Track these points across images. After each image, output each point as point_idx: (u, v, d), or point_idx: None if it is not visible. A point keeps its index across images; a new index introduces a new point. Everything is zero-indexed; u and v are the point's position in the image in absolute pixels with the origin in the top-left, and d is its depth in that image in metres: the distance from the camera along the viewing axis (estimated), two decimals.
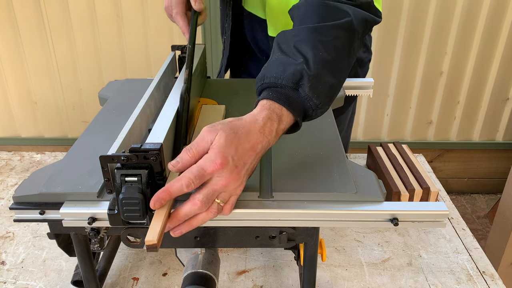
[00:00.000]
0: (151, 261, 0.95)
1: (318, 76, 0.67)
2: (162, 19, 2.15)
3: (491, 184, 2.66)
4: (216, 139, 0.60)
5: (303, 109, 0.68)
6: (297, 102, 0.66)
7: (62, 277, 0.90)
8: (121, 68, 2.27)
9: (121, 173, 0.60)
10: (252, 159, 0.63)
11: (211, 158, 0.59)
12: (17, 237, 1.01)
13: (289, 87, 0.66)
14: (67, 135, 2.45)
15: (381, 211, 0.67)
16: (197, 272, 0.74)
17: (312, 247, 0.74)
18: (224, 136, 0.60)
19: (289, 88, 0.66)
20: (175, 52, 1.06)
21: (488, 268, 0.93)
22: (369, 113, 2.41)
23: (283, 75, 0.66)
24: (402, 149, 1.21)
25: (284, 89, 0.66)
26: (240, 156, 0.61)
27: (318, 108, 0.68)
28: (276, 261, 0.95)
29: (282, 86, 0.66)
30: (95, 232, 0.69)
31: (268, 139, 0.64)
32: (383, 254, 0.97)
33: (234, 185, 0.62)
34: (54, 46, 2.21)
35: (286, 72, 0.67)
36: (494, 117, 2.46)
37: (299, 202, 0.67)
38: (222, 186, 0.61)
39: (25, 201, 0.67)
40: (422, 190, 1.03)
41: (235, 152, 0.60)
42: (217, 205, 0.62)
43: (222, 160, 0.59)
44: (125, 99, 0.98)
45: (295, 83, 0.66)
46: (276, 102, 0.66)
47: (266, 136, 0.64)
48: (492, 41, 2.24)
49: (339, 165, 0.73)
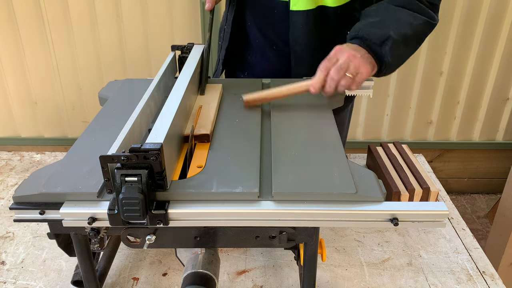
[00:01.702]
0: (151, 261, 0.95)
1: (398, 42, 0.92)
2: (162, 19, 2.15)
3: (491, 184, 2.66)
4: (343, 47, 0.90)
5: (380, 62, 0.92)
6: (377, 54, 0.92)
7: (62, 277, 0.90)
8: (121, 68, 2.27)
9: (121, 173, 0.60)
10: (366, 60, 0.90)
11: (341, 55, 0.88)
12: (17, 237, 1.01)
13: (376, 43, 0.92)
14: (67, 135, 2.45)
15: (381, 211, 0.67)
16: (197, 272, 0.74)
17: (312, 247, 0.74)
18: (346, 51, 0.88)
19: (376, 44, 0.92)
20: (175, 52, 1.06)
21: (488, 268, 0.93)
22: (369, 113, 2.41)
23: (375, 33, 0.92)
24: (402, 149, 1.21)
25: (371, 43, 0.92)
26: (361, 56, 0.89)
27: (388, 67, 0.93)
28: (276, 261, 0.95)
29: (371, 40, 0.92)
30: (95, 232, 0.69)
31: None
32: (383, 254, 0.97)
33: (358, 62, 0.87)
34: (54, 46, 2.21)
35: (377, 32, 0.92)
36: (494, 117, 2.46)
37: (299, 202, 0.67)
38: (347, 60, 0.87)
39: (25, 201, 0.67)
40: (422, 190, 1.03)
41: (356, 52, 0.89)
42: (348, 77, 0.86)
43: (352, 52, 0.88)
44: (125, 99, 0.98)
45: (382, 42, 0.91)
46: (364, 48, 0.91)
47: None
48: (492, 41, 2.24)
49: (339, 165, 0.73)
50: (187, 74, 0.91)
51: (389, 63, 0.93)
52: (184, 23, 2.17)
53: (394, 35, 0.92)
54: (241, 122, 0.88)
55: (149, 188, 0.62)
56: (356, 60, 0.88)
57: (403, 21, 0.95)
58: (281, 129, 0.85)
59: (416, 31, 0.96)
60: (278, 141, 0.81)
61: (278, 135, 0.83)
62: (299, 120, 0.89)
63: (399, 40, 0.93)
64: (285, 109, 0.93)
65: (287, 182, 0.69)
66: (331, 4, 1.05)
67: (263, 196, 0.68)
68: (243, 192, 0.67)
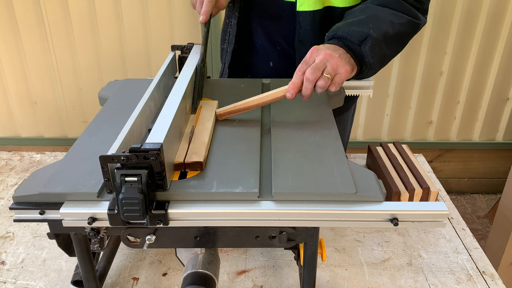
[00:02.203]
0: (151, 261, 0.95)
1: (378, 41, 0.88)
2: (162, 19, 2.15)
3: (491, 184, 2.66)
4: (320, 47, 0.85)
5: (360, 63, 0.88)
6: (357, 55, 0.87)
7: (62, 277, 0.90)
8: (121, 68, 2.27)
9: (121, 173, 0.60)
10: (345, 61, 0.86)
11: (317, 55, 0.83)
12: (17, 237, 1.01)
13: (355, 43, 0.87)
14: (67, 135, 2.45)
15: (381, 211, 0.67)
16: (197, 272, 0.74)
17: (312, 247, 0.74)
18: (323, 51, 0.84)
19: (354, 44, 0.87)
20: (175, 52, 1.06)
21: (488, 268, 0.93)
22: (369, 113, 2.41)
23: (353, 32, 0.88)
24: (402, 149, 1.21)
25: (350, 43, 0.87)
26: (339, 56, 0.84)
27: (369, 67, 0.89)
28: (276, 261, 0.95)
29: (349, 40, 0.87)
30: (95, 232, 0.69)
31: None
32: (383, 254, 0.97)
33: (335, 61, 0.82)
34: (54, 46, 2.21)
35: (356, 31, 0.88)
36: (494, 117, 2.46)
37: (299, 202, 0.67)
38: (323, 59, 0.82)
39: (25, 201, 0.67)
40: (422, 190, 1.03)
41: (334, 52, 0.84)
42: (325, 77, 0.82)
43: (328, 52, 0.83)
44: (125, 99, 0.98)
45: (360, 41, 0.87)
46: (342, 48, 0.86)
47: None
48: (492, 41, 2.24)
49: (339, 165, 0.73)
50: (187, 74, 0.91)
51: (370, 63, 0.89)
52: (184, 23, 2.17)
53: (374, 33, 0.88)
54: (241, 122, 0.88)
55: (149, 188, 0.62)
56: (333, 60, 0.83)
57: (384, 20, 0.91)
58: (281, 129, 0.85)
59: (399, 31, 0.93)
60: (278, 141, 0.81)
61: (278, 135, 0.83)
62: (299, 120, 0.89)
63: (379, 39, 0.89)
64: (285, 109, 0.93)
65: (287, 182, 0.69)
66: (339, 5, 1.04)
67: (263, 196, 0.68)
68: (243, 192, 0.67)
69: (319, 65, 0.82)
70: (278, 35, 1.15)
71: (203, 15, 0.97)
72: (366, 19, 0.91)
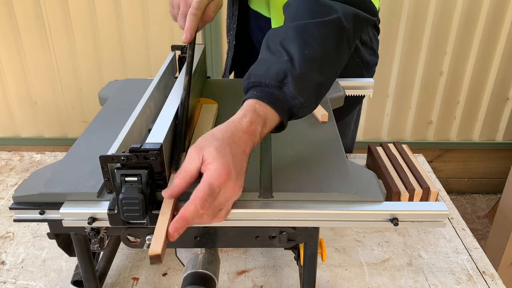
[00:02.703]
0: None
1: (303, 74, 0.66)
2: (162, 19, 2.15)
3: (491, 184, 2.66)
4: (208, 154, 0.59)
5: (288, 108, 0.66)
6: (282, 101, 0.65)
7: (62, 277, 0.90)
8: (121, 68, 2.27)
9: (121, 173, 0.60)
10: (245, 162, 0.63)
11: (214, 172, 0.58)
12: (17, 237, 1.01)
13: (274, 86, 0.65)
14: (67, 135, 2.45)
15: (381, 211, 0.67)
16: (197, 272, 0.74)
17: (312, 247, 0.74)
18: (215, 149, 0.59)
19: (274, 87, 0.65)
20: (175, 52, 1.06)
21: (488, 268, 0.93)
22: (369, 113, 2.41)
23: (268, 73, 0.66)
24: (402, 149, 1.21)
25: (269, 88, 0.65)
26: (237, 162, 0.60)
27: (304, 106, 0.67)
28: (276, 261, 0.95)
29: (266, 85, 0.65)
30: (95, 232, 0.69)
31: (253, 141, 0.64)
32: (383, 254, 0.97)
33: (239, 192, 0.62)
34: (54, 46, 2.21)
35: (271, 70, 0.66)
36: (494, 117, 2.46)
37: (299, 202, 0.67)
38: (228, 197, 0.60)
39: (25, 201, 0.67)
40: (422, 190, 1.03)
41: (232, 159, 0.60)
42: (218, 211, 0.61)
43: (226, 170, 0.58)
44: (125, 99, 0.98)
45: (280, 82, 0.65)
46: (260, 101, 0.65)
47: (252, 138, 0.63)
48: (492, 41, 2.24)
49: (339, 165, 0.73)
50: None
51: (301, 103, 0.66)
52: None
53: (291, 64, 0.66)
54: None
55: (149, 188, 0.62)
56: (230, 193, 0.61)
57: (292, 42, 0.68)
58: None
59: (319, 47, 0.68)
60: (278, 141, 0.81)
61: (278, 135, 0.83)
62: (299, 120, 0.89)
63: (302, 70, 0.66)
64: None
65: (287, 182, 0.69)
66: None
67: (263, 196, 0.68)
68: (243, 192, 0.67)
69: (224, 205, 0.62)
70: None
71: (187, 32, 0.82)
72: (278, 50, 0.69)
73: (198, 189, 0.58)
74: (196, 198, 0.58)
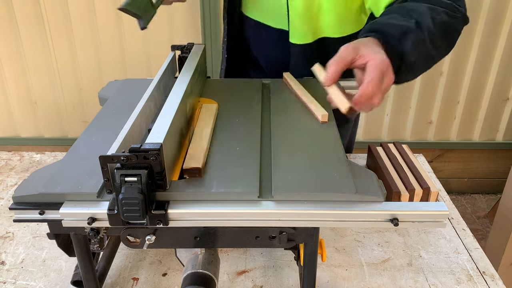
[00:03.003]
0: (151, 261, 0.95)
1: (423, 40, 0.77)
2: (162, 19, 2.15)
3: (491, 184, 2.66)
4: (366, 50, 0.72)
5: (399, 61, 0.75)
6: (396, 52, 0.74)
7: (62, 277, 0.90)
8: (121, 68, 2.27)
9: (121, 173, 0.60)
10: None
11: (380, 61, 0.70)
12: (17, 237, 1.01)
13: (395, 37, 0.75)
14: (67, 135, 2.45)
15: (381, 211, 0.67)
16: (197, 272, 0.74)
17: (312, 247, 0.74)
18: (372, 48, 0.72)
19: (395, 38, 0.75)
20: (175, 52, 1.06)
21: (488, 268, 0.93)
22: (369, 113, 2.41)
23: (394, 24, 0.77)
24: (402, 149, 1.21)
25: (389, 37, 0.75)
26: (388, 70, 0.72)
27: (411, 66, 0.77)
28: (276, 261, 0.95)
29: (389, 34, 0.75)
30: (95, 232, 0.69)
31: None
32: (383, 254, 0.97)
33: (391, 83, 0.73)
34: (54, 46, 2.21)
35: (396, 24, 0.77)
36: (494, 117, 2.46)
37: (299, 202, 0.67)
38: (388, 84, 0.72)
39: (24, 201, 0.67)
40: (422, 190, 1.03)
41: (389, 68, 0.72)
42: None
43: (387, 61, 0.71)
44: (125, 99, 0.98)
45: (401, 35, 0.75)
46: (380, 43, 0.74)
47: None
48: (492, 41, 2.24)
49: (339, 165, 0.73)
50: (187, 74, 0.91)
51: (411, 63, 0.77)
52: (184, 23, 2.17)
53: (415, 26, 0.77)
54: (241, 122, 0.88)
55: (149, 188, 0.62)
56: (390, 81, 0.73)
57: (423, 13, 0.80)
58: (281, 129, 0.85)
59: (440, 26, 0.80)
60: (278, 141, 0.81)
61: (278, 135, 0.83)
62: (299, 120, 0.89)
63: (424, 34, 0.77)
64: (285, 109, 0.93)
65: (287, 182, 0.69)
66: (333, 35, 1.03)
67: (263, 196, 0.68)
68: (243, 192, 0.67)
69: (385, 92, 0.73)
70: (268, 61, 1.15)
71: None
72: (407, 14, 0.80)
73: (369, 75, 0.69)
74: (372, 79, 0.69)
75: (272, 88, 1.03)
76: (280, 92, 1.00)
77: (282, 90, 1.01)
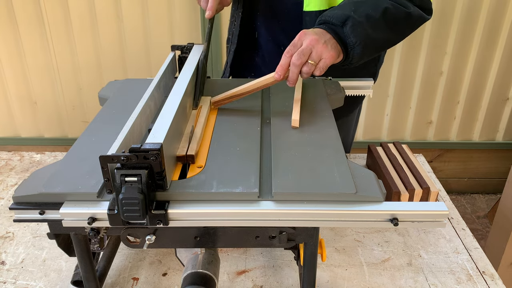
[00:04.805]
0: (151, 261, 0.95)
1: (360, 22, 0.90)
2: (162, 19, 2.15)
3: (491, 184, 2.66)
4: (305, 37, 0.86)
5: (344, 46, 0.90)
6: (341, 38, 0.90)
7: (62, 277, 0.90)
8: (121, 68, 2.27)
9: (121, 173, 0.60)
10: None
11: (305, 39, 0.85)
12: (17, 237, 1.01)
13: (337, 25, 0.90)
14: (67, 135, 2.45)
15: (381, 211, 0.67)
16: (197, 272, 0.74)
17: (312, 247, 0.74)
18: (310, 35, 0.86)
19: (337, 26, 0.90)
20: (175, 52, 1.06)
21: (488, 268, 0.93)
22: (369, 113, 2.41)
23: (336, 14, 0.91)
24: (402, 149, 1.21)
25: (334, 26, 0.90)
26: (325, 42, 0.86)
27: (354, 46, 0.90)
28: (276, 261, 0.95)
29: (332, 23, 0.90)
30: (95, 232, 0.69)
31: None
32: (383, 254, 0.97)
33: (320, 48, 0.85)
34: (54, 46, 2.21)
35: (338, 13, 0.91)
36: (494, 117, 2.46)
37: (299, 202, 0.67)
38: (309, 45, 0.84)
39: (25, 201, 0.67)
40: (422, 190, 1.03)
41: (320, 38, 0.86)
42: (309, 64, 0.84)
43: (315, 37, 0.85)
44: (125, 99, 0.98)
45: (342, 22, 0.90)
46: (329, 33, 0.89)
47: None
48: (492, 41, 2.24)
49: (339, 165, 0.73)
50: (187, 74, 0.91)
51: (353, 44, 0.90)
52: (184, 23, 2.17)
53: (354, 14, 0.91)
54: (240, 122, 0.88)
55: (149, 188, 0.62)
56: (319, 46, 0.85)
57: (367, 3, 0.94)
58: (281, 129, 0.85)
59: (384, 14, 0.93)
60: (278, 141, 0.81)
61: (278, 135, 0.83)
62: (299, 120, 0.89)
63: (360, 20, 0.91)
64: (285, 109, 0.93)
65: (287, 182, 0.69)
66: None
67: (263, 196, 0.68)
68: (243, 192, 0.67)
69: (305, 50, 0.84)
70: (283, 35, 1.15)
71: (209, 10, 0.99)
72: (348, 3, 0.95)
73: None
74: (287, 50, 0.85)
75: (272, 88, 1.03)
76: (280, 92, 1.00)
77: (283, 89, 1.01)
